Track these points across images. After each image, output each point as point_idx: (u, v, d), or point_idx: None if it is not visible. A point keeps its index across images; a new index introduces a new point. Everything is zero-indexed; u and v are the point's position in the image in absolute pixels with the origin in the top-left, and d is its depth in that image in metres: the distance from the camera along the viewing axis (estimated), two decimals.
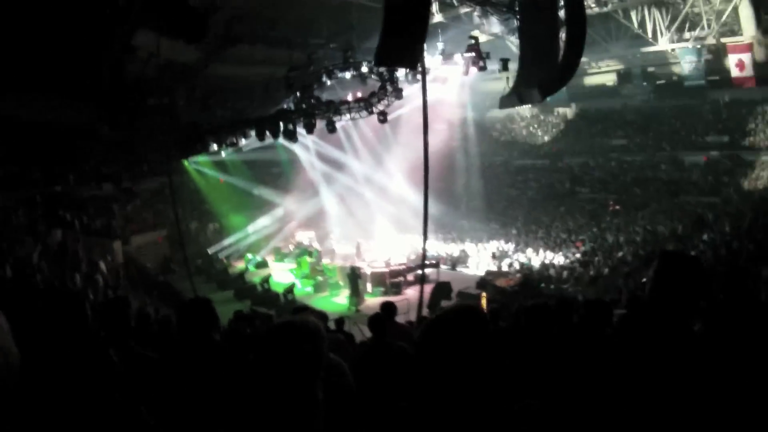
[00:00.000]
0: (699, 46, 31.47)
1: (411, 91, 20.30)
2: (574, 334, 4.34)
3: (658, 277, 2.14)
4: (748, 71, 30.55)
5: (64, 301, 2.98)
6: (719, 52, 31.21)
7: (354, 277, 18.48)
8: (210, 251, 25.47)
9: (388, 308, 5.80)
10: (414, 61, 13.27)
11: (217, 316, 3.48)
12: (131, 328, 3.78)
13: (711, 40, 30.92)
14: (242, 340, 5.43)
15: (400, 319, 7.65)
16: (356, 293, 18.34)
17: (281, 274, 22.59)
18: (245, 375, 2.61)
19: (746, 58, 30.42)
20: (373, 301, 18.51)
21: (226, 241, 25.72)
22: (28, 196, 22.65)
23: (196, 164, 27.18)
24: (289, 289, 19.31)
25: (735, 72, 30.88)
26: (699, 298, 2.13)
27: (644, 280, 17.46)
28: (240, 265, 24.10)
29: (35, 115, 23.46)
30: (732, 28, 29.99)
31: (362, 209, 26.83)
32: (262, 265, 23.96)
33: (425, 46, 13.33)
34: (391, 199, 26.54)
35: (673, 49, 32.23)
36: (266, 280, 20.67)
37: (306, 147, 26.59)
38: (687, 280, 2.10)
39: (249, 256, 24.48)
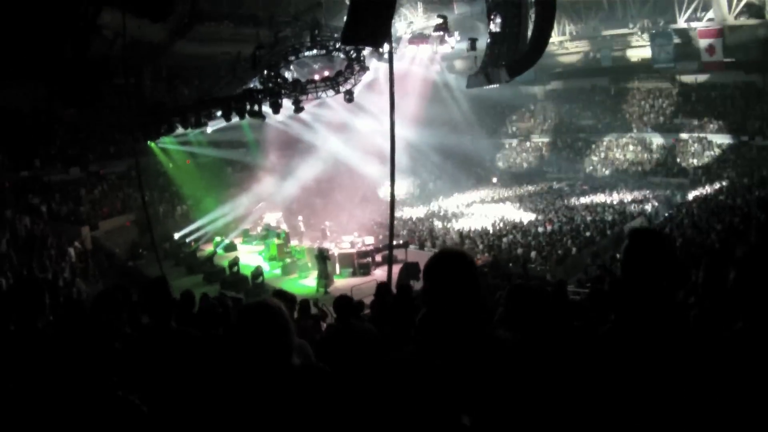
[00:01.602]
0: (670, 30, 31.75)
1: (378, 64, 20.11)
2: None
3: (628, 255, 2.16)
4: (718, 56, 30.85)
5: (26, 290, 3.00)
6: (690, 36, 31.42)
7: (322, 258, 18.35)
8: (178, 235, 25.10)
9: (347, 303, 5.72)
10: (381, 39, 13.11)
11: (169, 294, 3.45)
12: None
13: (682, 24, 31.14)
14: (215, 318, 5.35)
15: (367, 300, 7.65)
16: (325, 275, 18.23)
17: (250, 257, 22.34)
18: (219, 350, 2.92)
19: (717, 43, 30.68)
20: (341, 282, 18.43)
21: (195, 224, 25.36)
22: None
23: (163, 146, 26.68)
24: (258, 272, 19.11)
25: (705, 57, 31.13)
26: (670, 273, 2.13)
27: (616, 257, 17.68)
28: (209, 249, 23.79)
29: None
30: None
31: (331, 189, 26.71)
32: (231, 248, 23.67)
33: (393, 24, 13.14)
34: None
35: (643, 32, 32.45)
36: (235, 263, 20.44)
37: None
38: (657, 256, 2.10)
39: (217, 239, 24.18)
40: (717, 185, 25.18)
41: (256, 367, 1.91)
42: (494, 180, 33.70)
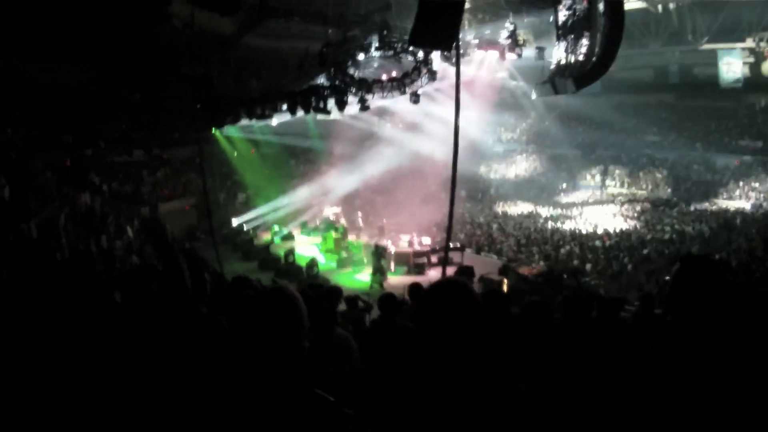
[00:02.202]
0: (739, 49, 31.01)
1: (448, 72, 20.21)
2: (583, 329, 4.37)
3: (677, 281, 2.12)
4: None
5: (76, 264, 3.09)
6: (759, 57, 30.66)
7: (378, 254, 18.60)
8: (237, 222, 25.69)
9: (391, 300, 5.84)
10: (448, 43, 13.25)
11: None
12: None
13: (750, 44, 30.41)
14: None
15: None
16: (380, 271, 18.47)
17: (306, 248, 22.74)
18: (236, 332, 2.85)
19: None
20: (395, 279, 18.59)
21: (254, 213, 25.91)
22: (58, 159, 22.93)
23: (228, 135, 27.36)
24: (313, 263, 19.46)
25: None
26: (719, 305, 2.06)
27: (666, 278, 17.41)
28: (266, 237, 24.31)
29: (67, 80, 23.84)
30: None
31: (393, 187, 26.93)
32: (288, 237, 24.12)
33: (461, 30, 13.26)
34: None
35: (711, 50, 31.81)
36: (291, 252, 20.84)
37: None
38: (707, 286, 2.05)
39: (276, 228, 24.65)
40: None
41: (266, 350, 1.88)
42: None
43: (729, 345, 2.07)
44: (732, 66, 32.09)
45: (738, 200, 28.32)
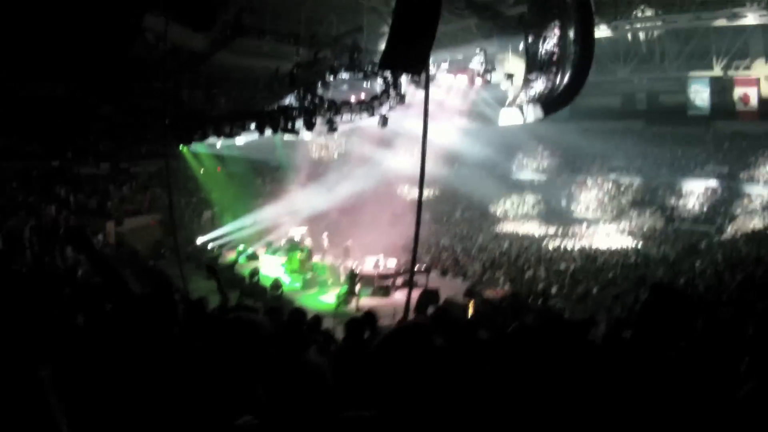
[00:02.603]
0: (707, 77, 31.77)
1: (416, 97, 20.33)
2: (552, 353, 4.33)
3: (646, 308, 2.23)
4: (753, 105, 30.82)
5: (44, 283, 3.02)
6: (726, 84, 31.44)
7: (352, 278, 18.56)
8: (202, 239, 25.38)
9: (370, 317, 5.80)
10: (419, 67, 13.30)
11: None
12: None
13: (718, 72, 31.18)
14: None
15: (386, 322, 7.67)
16: (352, 293, 18.42)
17: (271, 268, 22.52)
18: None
19: (752, 92, 30.67)
20: (361, 301, 18.51)
21: (220, 231, 25.63)
22: (24, 169, 22.61)
23: (195, 152, 27.13)
24: (277, 284, 19.26)
25: (740, 105, 31.12)
26: (682, 333, 2.20)
27: (632, 301, 17.54)
28: (231, 256, 24.03)
29: (38, 90, 23.52)
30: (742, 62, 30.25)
31: (357, 210, 26.89)
32: (253, 257, 23.87)
33: (431, 54, 13.34)
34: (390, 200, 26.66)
35: (679, 77, 32.51)
36: (255, 272, 20.62)
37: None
38: (674, 316, 2.13)
39: (240, 247, 24.41)
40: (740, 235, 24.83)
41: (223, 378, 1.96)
42: None
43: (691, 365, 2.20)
44: (700, 93, 32.83)
45: (702, 225, 28.80)
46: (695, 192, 31.38)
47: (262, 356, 1.99)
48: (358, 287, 19.17)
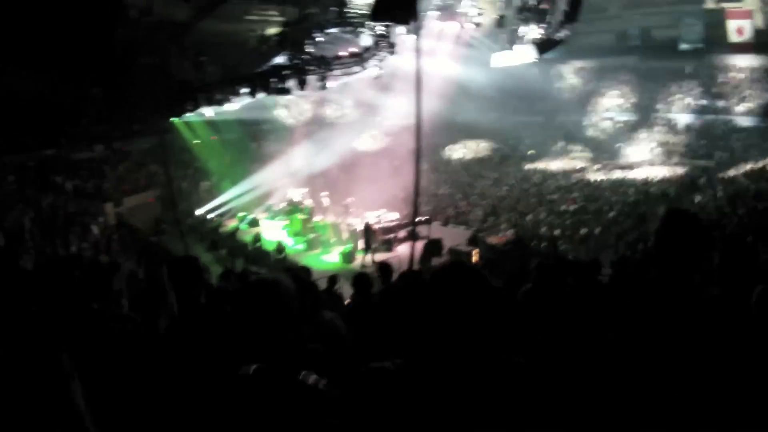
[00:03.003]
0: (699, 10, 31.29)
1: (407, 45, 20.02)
2: (568, 295, 4.32)
3: (662, 234, 2.16)
4: (748, 37, 30.41)
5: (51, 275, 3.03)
6: (719, 16, 30.97)
7: (368, 234, 18.53)
8: (201, 210, 25.34)
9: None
10: (409, 17, 13.15)
11: (201, 274, 3.45)
12: (114, 292, 3.78)
13: (711, 5, 30.69)
14: (226, 296, 5.48)
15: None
16: (370, 249, 18.42)
17: (273, 232, 22.51)
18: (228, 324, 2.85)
19: (746, 24, 30.23)
20: (365, 257, 18.56)
21: (219, 200, 25.57)
22: (19, 161, 22.53)
23: (188, 122, 26.87)
24: (280, 247, 19.29)
25: (734, 37, 30.70)
26: (702, 254, 2.14)
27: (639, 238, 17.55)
28: (232, 224, 24.03)
29: (21, 81, 23.25)
30: None
31: (356, 166, 26.80)
32: (254, 223, 23.86)
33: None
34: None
35: (671, 11, 32.03)
36: (258, 238, 20.65)
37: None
38: (690, 237, 2.10)
39: (241, 214, 24.38)
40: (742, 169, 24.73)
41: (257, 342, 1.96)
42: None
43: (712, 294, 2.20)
44: (693, 27, 32.38)
45: (701, 159, 28.65)
46: (691, 128, 31.17)
47: (291, 312, 2.05)
48: (360, 243, 19.18)
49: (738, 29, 30.41)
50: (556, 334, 3.38)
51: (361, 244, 18.98)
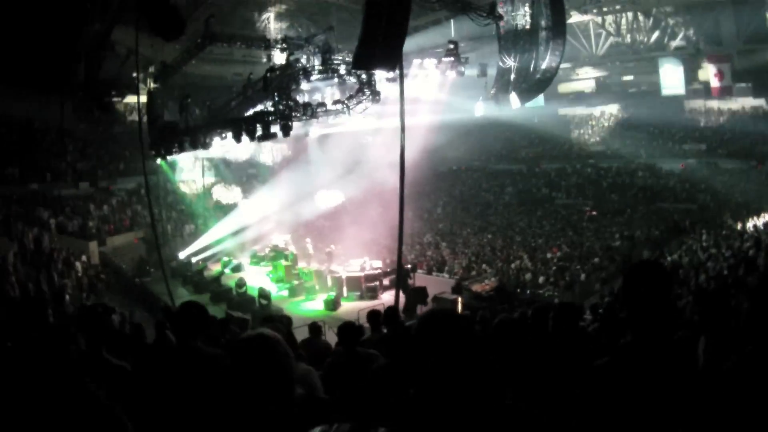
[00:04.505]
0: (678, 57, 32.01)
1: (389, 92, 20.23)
2: (547, 343, 4.30)
3: (626, 286, 2.25)
4: (727, 81, 31.08)
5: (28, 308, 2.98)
6: (698, 62, 31.71)
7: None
8: (186, 253, 25.12)
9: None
10: (392, 64, 13.25)
11: (207, 321, 3.57)
12: (108, 337, 3.69)
13: (690, 50, 31.42)
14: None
15: None
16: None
17: (257, 278, 22.32)
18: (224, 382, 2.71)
19: (725, 68, 30.94)
20: (348, 305, 18.44)
21: (203, 244, 25.38)
22: (3, 195, 22.42)
23: (173, 164, 26.85)
24: (264, 294, 19.12)
25: (714, 82, 31.37)
26: (668, 299, 2.23)
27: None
28: (216, 269, 23.81)
29: (9, 111, 23.22)
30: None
31: (339, 214, 26.80)
32: (238, 268, 23.68)
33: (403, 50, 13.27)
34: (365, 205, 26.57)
35: (652, 59, 32.72)
36: (242, 283, 20.43)
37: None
38: (653, 285, 2.17)
39: (225, 259, 24.18)
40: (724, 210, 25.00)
41: (258, 400, 1.86)
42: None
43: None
44: (673, 73, 33.08)
45: (683, 203, 28.94)
46: (674, 172, 31.55)
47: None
48: (344, 290, 19.03)
49: (717, 74, 31.15)
50: (539, 377, 3.38)
51: (344, 291, 18.84)
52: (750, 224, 20.39)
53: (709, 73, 31.72)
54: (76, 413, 1.94)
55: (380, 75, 20.12)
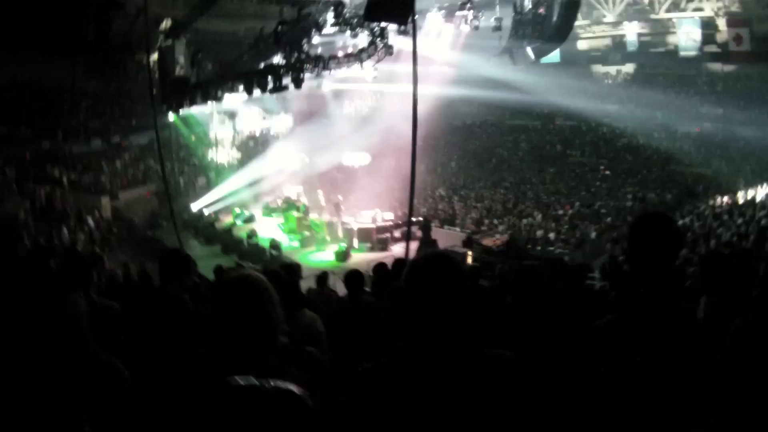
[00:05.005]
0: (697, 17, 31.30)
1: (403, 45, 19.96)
2: (557, 299, 4.33)
3: (632, 238, 2.17)
4: (746, 46, 30.41)
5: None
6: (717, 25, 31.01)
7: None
8: (197, 206, 25.27)
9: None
10: (404, 17, 13.08)
11: (189, 267, 3.63)
12: (94, 283, 3.77)
13: (709, 12, 30.71)
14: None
15: None
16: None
17: (268, 229, 22.45)
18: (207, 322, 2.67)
19: (744, 32, 30.25)
20: (359, 256, 18.53)
21: (215, 196, 25.49)
22: (16, 154, 22.54)
23: (186, 118, 26.82)
24: (275, 244, 19.26)
25: (732, 46, 30.72)
26: (675, 253, 2.17)
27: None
28: (228, 220, 23.99)
29: (20, 73, 23.28)
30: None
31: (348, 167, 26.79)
32: (250, 219, 23.81)
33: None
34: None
35: (670, 19, 32.06)
36: (253, 234, 20.60)
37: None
38: (660, 237, 2.10)
39: (237, 210, 24.32)
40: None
41: (236, 344, 1.78)
42: None
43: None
44: (691, 34, 32.40)
45: (698, 168, 28.64)
46: (690, 135, 31.14)
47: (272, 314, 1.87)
48: (355, 242, 19.14)
49: (736, 37, 30.45)
50: (543, 333, 3.38)
51: (355, 242, 18.92)
52: (763, 192, 20.16)
53: (727, 36, 31.03)
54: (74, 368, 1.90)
55: (392, 29, 19.88)
